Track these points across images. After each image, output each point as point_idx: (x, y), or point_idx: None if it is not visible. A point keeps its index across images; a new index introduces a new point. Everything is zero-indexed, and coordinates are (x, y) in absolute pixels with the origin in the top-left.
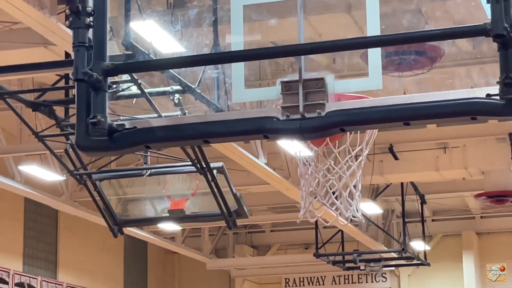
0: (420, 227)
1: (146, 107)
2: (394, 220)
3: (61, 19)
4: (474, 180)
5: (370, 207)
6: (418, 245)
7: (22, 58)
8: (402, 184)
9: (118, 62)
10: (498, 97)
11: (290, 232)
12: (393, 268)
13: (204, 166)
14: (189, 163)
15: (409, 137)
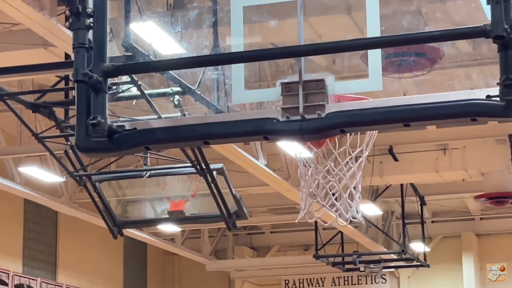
0: (420, 228)
1: (146, 109)
2: (394, 221)
3: (61, 20)
4: (473, 182)
5: (369, 209)
6: (418, 246)
7: (22, 59)
8: (401, 185)
9: (118, 64)
10: (498, 99)
11: (290, 233)
12: (392, 270)
13: (204, 167)
14: (189, 164)
15: (408, 139)
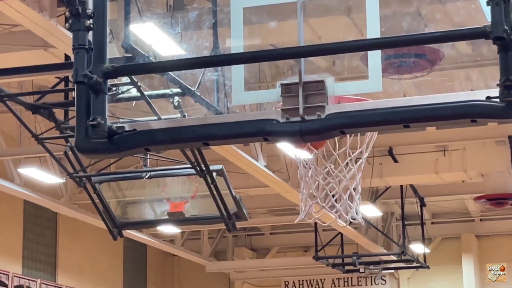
0: (420, 229)
1: (145, 110)
2: (394, 222)
3: (61, 21)
4: (473, 183)
5: (369, 210)
6: (418, 247)
7: (21, 60)
8: (401, 186)
9: (118, 65)
10: (498, 100)
11: (290, 234)
12: (392, 271)
13: (204, 168)
14: (189, 165)
15: (408, 140)
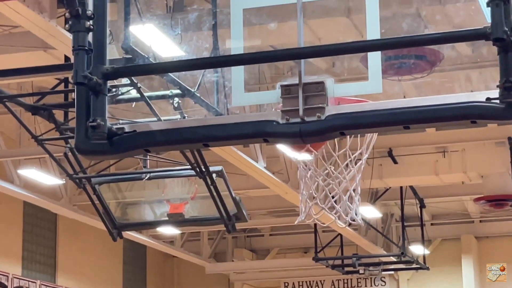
0: (419, 231)
1: (145, 111)
2: (393, 224)
3: (61, 22)
4: (473, 184)
5: (369, 211)
6: (417, 249)
7: (21, 61)
8: (401, 188)
9: (117, 66)
10: (498, 101)
11: (289, 236)
12: (392, 272)
13: (204, 170)
14: (189, 167)
15: (408, 141)
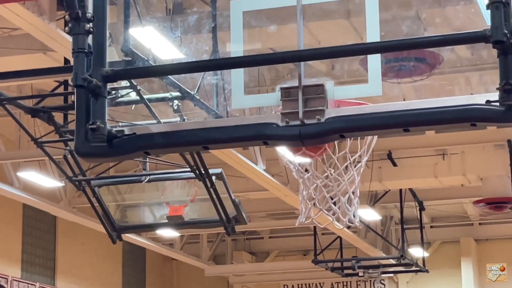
0: (419, 233)
1: (145, 113)
2: (393, 226)
3: (60, 25)
4: (472, 187)
5: (368, 214)
6: (417, 251)
7: (21, 64)
8: (400, 190)
9: (117, 68)
10: (497, 104)
11: (289, 238)
12: (391, 275)
13: (203, 172)
14: (188, 169)
15: (407, 144)
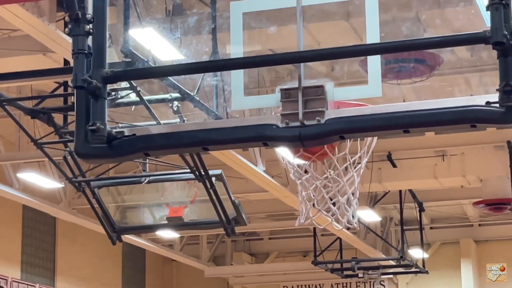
0: (419, 234)
1: (145, 115)
2: (393, 227)
3: (60, 26)
4: (472, 188)
5: (368, 215)
6: (417, 252)
7: (21, 65)
8: (400, 191)
9: (117, 70)
10: (497, 105)
11: (289, 239)
12: (391, 276)
13: (203, 173)
14: (188, 170)
15: (407, 145)
